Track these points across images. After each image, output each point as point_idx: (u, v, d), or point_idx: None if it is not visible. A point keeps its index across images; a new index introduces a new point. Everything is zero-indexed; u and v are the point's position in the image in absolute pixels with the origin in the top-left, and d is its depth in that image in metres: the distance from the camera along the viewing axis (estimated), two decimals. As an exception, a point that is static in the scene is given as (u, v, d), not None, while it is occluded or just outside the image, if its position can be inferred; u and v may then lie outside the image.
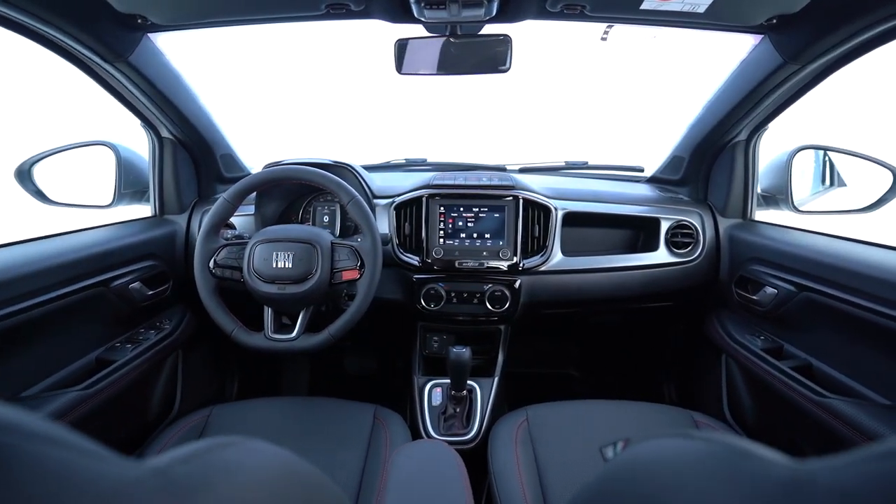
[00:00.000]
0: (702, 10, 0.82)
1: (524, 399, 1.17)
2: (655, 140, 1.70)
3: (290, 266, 1.03)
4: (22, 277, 0.85)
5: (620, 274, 1.28)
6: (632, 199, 1.35)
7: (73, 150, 1.19)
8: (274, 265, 1.03)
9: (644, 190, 1.46)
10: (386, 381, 1.84)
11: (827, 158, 1.31)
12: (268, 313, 1.08)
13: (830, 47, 0.86)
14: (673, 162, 1.45)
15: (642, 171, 1.63)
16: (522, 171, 1.66)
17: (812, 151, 1.28)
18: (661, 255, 1.28)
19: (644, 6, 0.83)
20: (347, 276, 1.07)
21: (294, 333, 1.06)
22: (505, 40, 0.98)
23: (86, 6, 0.79)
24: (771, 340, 1.13)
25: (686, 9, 0.82)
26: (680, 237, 1.29)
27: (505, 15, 0.89)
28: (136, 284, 1.13)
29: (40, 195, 1.18)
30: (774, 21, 0.86)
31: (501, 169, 1.65)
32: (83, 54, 0.89)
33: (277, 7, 0.86)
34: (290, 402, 1.15)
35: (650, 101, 6.44)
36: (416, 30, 1.06)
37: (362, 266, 1.06)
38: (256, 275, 1.03)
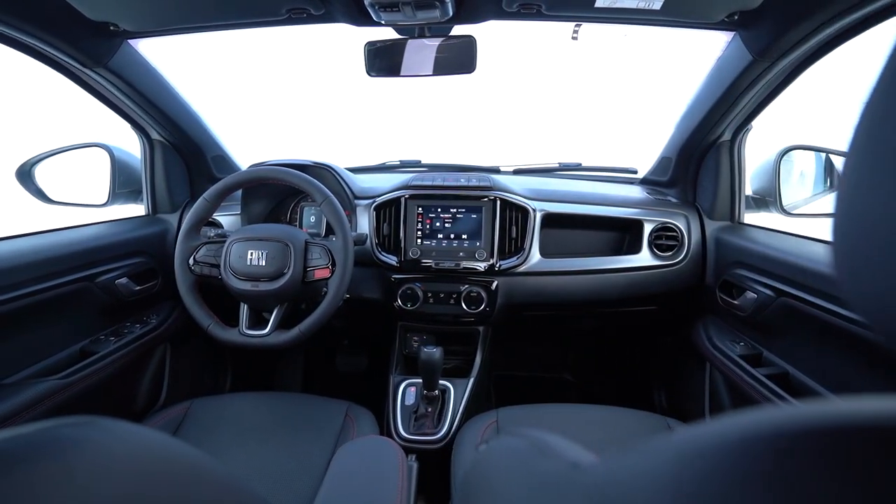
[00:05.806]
0: (657, 6, 0.80)
1: (516, 402, 1.15)
2: (651, 140, 1.66)
3: (264, 264, 1.06)
4: (1, 271, 0.90)
5: (601, 276, 1.26)
6: (616, 200, 1.32)
7: (70, 151, 1.25)
8: (248, 263, 1.06)
9: (634, 192, 1.43)
10: (373, 379, 1.86)
11: (825, 159, 1.25)
12: (243, 309, 1.11)
13: (796, 43, 0.83)
14: (661, 163, 1.42)
15: (636, 172, 1.59)
16: (516, 172, 1.65)
17: (811, 153, 1.23)
18: (644, 258, 1.25)
19: (598, 4, 0.81)
20: (319, 274, 1.10)
21: (267, 330, 1.09)
22: (469, 41, 0.99)
23: (58, 15, 0.84)
24: (751, 347, 1.09)
25: (641, 6, 0.81)
26: (664, 240, 1.26)
27: (463, 16, 0.89)
28: (122, 280, 1.18)
29: (41, 195, 1.25)
30: (737, 17, 0.83)
31: (495, 171, 1.64)
32: (64, 60, 0.94)
33: (241, 13, 0.89)
34: (267, 397, 1.18)
35: (642, 101, 6.44)
36: (388, 32, 1.08)
37: (334, 265, 1.08)
38: (232, 272, 1.07)
